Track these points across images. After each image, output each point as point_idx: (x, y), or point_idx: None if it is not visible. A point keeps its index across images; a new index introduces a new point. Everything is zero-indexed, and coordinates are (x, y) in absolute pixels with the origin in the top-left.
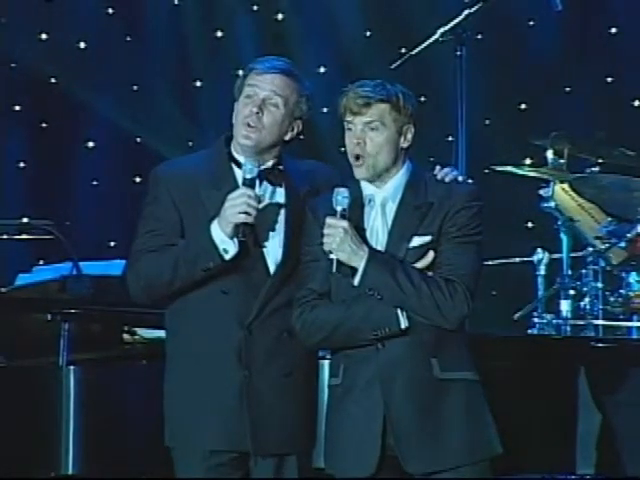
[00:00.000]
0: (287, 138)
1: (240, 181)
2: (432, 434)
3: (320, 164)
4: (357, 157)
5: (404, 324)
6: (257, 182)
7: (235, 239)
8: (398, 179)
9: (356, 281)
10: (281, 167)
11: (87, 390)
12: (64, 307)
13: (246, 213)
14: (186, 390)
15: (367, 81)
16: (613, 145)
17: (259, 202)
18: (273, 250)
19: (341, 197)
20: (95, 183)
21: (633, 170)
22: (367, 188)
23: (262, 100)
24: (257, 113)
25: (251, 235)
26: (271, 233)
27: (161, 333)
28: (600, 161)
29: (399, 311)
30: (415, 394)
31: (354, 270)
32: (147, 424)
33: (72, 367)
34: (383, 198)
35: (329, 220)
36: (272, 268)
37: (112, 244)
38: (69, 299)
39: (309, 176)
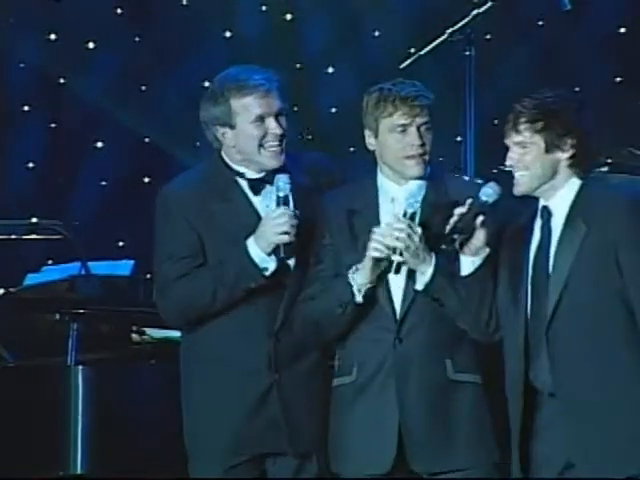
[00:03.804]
0: None
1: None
2: (441, 434)
3: (317, 156)
4: (412, 157)
5: (359, 297)
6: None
7: (273, 256)
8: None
9: (420, 286)
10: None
11: (95, 390)
12: (73, 307)
13: (286, 233)
14: (213, 398)
15: (401, 81)
16: (622, 145)
17: (297, 218)
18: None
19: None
20: (104, 183)
21: None
22: (390, 187)
23: (275, 117)
24: (282, 135)
25: (291, 253)
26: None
27: (170, 333)
28: (609, 161)
29: (355, 287)
30: (427, 393)
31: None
32: (155, 424)
33: (80, 367)
34: (406, 196)
35: (401, 222)
36: (291, 272)
37: (121, 244)
38: (78, 299)
39: (309, 170)
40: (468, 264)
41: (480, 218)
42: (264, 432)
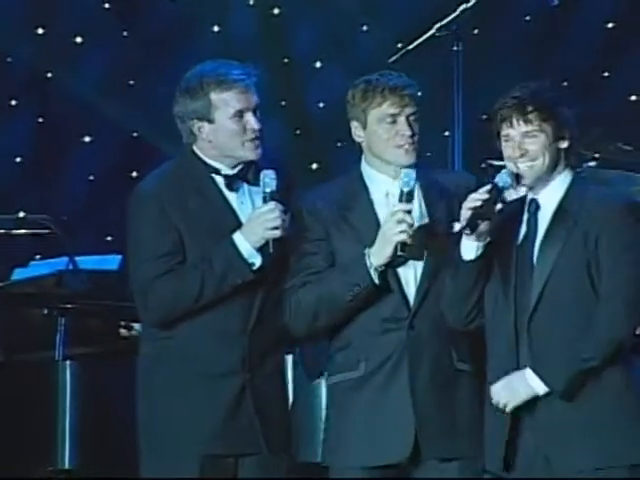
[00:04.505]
0: None
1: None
2: (451, 421)
3: (271, 153)
4: (401, 146)
5: (376, 279)
6: (234, 187)
7: (259, 251)
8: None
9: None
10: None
11: (83, 385)
12: (60, 302)
13: (277, 228)
14: (182, 395)
15: (387, 72)
16: (609, 140)
17: (285, 214)
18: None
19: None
20: (92, 178)
21: (629, 165)
22: (378, 177)
23: (253, 112)
24: (260, 129)
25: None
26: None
27: None
28: (597, 156)
29: (371, 269)
30: (437, 380)
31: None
32: None
33: (68, 362)
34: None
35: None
36: (264, 270)
37: (109, 239)
38: (65, 294)
39: (278, 169)
40: (473, 249)
41: (499, 205)
42: (239, 432)
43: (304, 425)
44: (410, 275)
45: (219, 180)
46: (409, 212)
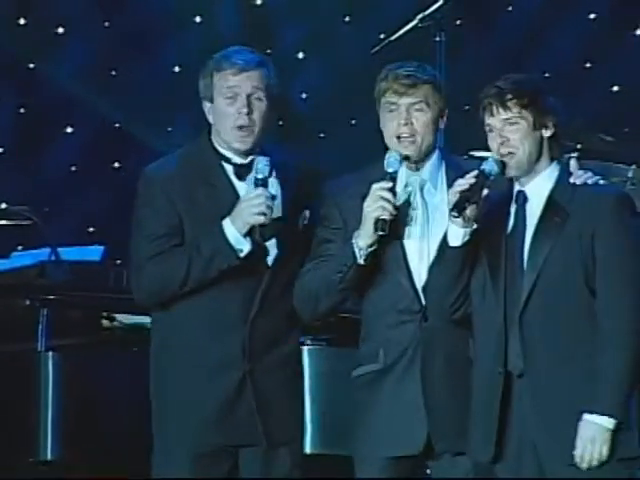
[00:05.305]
0: (271, 122)
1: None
2: (463, 414)
3: (297, 155)
4: (399, 138)
5: (360, 259)
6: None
7: (248, 238)
8: (434, 163)
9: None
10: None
11: (65, 375)
12: (42, 293)
13: (263, 214)
14: (187, 388)
15: (407, 62)
16: (592, 131)
17: (274, 200)
18: (269, 241)
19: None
20: (74, 169)
21: (611, 156)
22: (402, 173)
23: (247, 98)
24: (248, 113)
25: (265, 234)
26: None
27: (140, 319)
28: (579, 147)
29: (356, 249)
30: (452, 373)
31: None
32: (125, 409)
33: (50, 353)
34: (421, 181)
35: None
36: (270, 260)
37: (91, 230)
38: (47, 285)
39: (294, 168)
40: (460, 235)
41: (485, 190)
42: (237, 423)
43: (323, 416)
44: (423, 268)
45: (229, 169)
46: (391, 190)
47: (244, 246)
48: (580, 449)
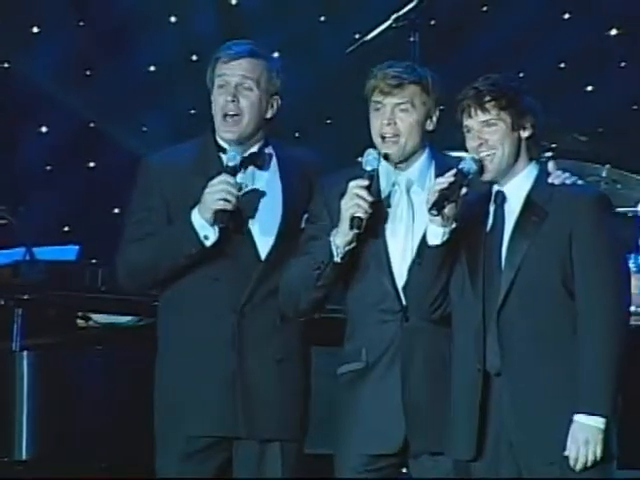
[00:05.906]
0: (269, 116)
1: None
2: (442, 415)
3: (309, 152)
4: (383, 137)
5: (337, 257)
6: (240, 169)
7: (215, 226)
8: (423, 162)
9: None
10: (268, 151)
11: (40, 375)
12: (17, 292)
13: (225, 200)
14: (177, 376)
15: (396, 62)
16: (566, 130)
17: (240, 189)
18: (264, 235)
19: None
20: (48, 168)
21: (585, 155)
22: (389, 172)
23: (235, 87)
24: (233, 101)
25: (230, 222)
26: (261, 218)
27: (115, 318)
28: (553, 146)
29: (333, 247)
30: (431, 373)
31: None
32: (101, 409)
33: (25, 352)
34: (408, 181)
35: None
36: (263, 253)
37: (66, 229)
38: (22, 284)
39: (301, 164)
40: (439, 234)
41: (464, 189)
42: (228, 415)
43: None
44: (405, 268)
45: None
46: (367, 188)
47: (210, 233)
48: (574, 452)
